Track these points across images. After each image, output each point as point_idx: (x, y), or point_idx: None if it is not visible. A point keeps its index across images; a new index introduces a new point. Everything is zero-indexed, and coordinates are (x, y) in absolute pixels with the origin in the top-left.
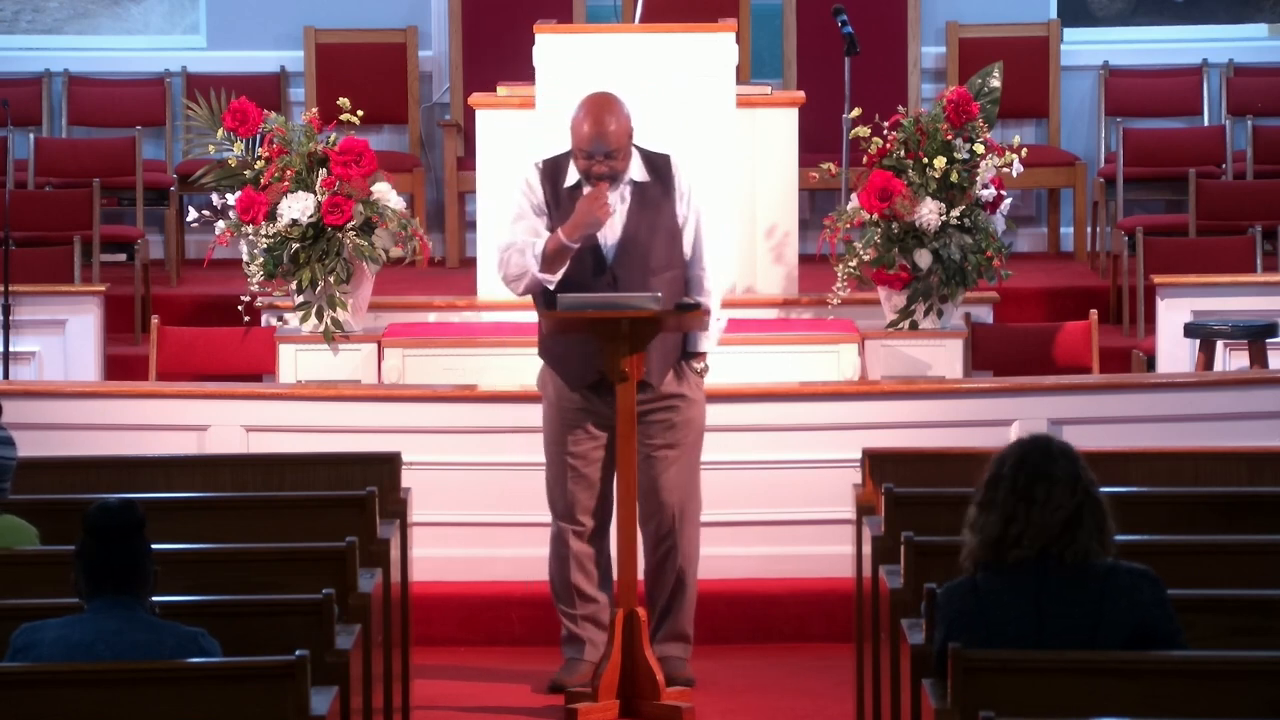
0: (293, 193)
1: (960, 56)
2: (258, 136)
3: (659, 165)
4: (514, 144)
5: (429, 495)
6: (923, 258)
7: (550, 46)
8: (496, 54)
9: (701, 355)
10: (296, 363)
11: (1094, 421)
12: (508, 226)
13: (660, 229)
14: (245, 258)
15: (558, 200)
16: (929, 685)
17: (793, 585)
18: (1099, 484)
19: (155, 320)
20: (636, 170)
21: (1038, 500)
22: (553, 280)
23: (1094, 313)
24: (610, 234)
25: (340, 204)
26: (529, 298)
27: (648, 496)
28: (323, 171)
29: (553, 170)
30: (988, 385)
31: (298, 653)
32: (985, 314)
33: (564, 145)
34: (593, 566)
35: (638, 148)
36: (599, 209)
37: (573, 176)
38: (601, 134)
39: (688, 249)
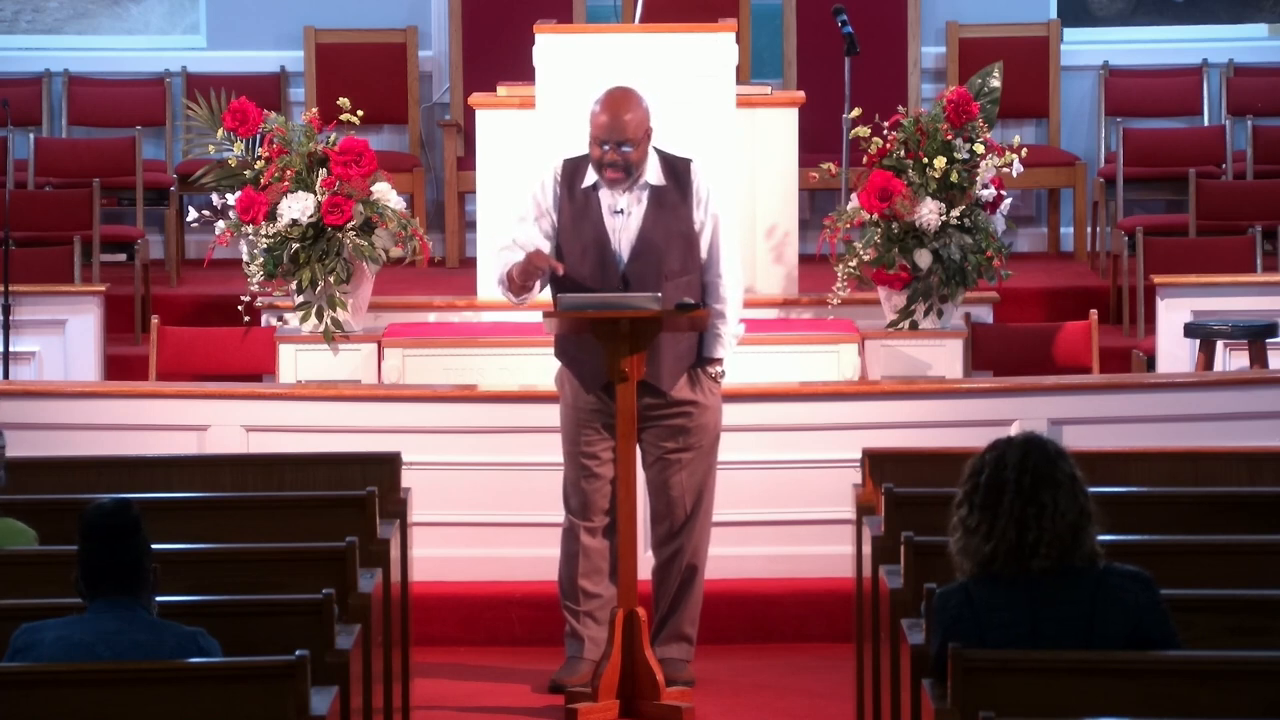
0: (293, 193)
1: (960, 56)
2: (258, 136)
3: (679, 170)
4: (514, 144)
5: (429, 495)
6: (923, 258)
7: (550, 46)
8: (496, 54)
9: (717, 360)
10: (296, 363)
11: (1094, 421)
12: (514, 223)
13: (675, 234)
14: (245, 258)
15: (572, 200)
16: (929, 685)
17: (793, 585)
18: (1092, 483)
19: (155, 320)
20: (654, 174)
21: (1046, 506)
22: (516, 300)
23: (1094, 313)
24: (625, 237)
25: (340, 204)
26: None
27: (658, 497)
28: (323, 171)
29: (572, 170)
30: (988, 385)
31: (298, 653)
32: (985, 314)
33: (572, 146)
34: (602, 562)
35: (658, 151)
36: (534, 270)
37: (590, 177)
38: (616, 123)
39: (704, 255)
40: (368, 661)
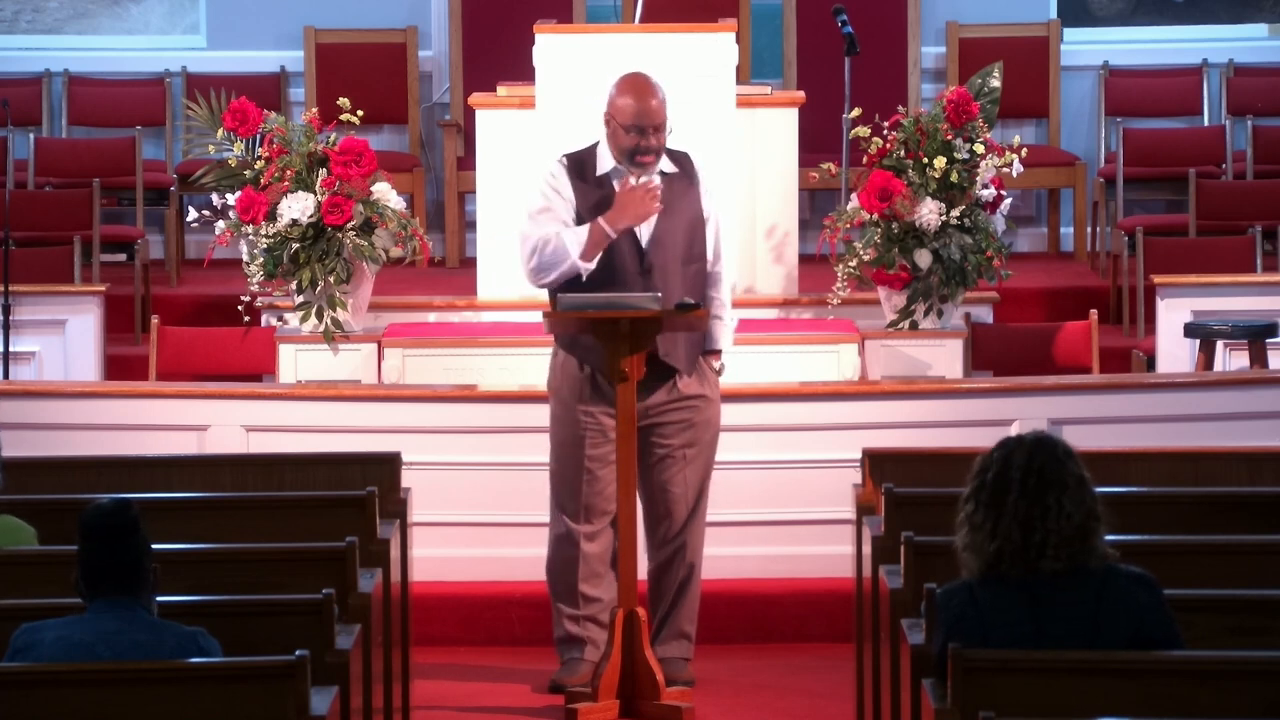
0: (293, 193)
1: (960, 56)
2: (258, 136)
3: (681, 160)
4: (514, 144)
5: (429, 495)
6: (923, 258)
7: (550, 46)
8: (496, 54)
9: (718, 354)
10: (296, 363)
11: (1094, 421)
12: (530, 219)
13: (689, 220)
14: (245, 258)
15: (587, 191)
16: (929, 685)
17: (793, 585)
18: (1096, 483)
19: (155, 320)
20: (664, 162)
21: (1050, 508)
22: (589, 269)
23: (1094, 313)
24: (645, 224)
25: (340, 204)
26: (531, 294)
27: (660, 497)
28: (323, 171)
29: (578, 163)
30: (988, 385)
31: (298, 653)
32: (985, 314)
33: (573, 145)
34: (600, 566)
35: None
36: (651, 201)
37: (603, 166)
38: (648, 108)
39: (710, 244)
40: (368, 661)
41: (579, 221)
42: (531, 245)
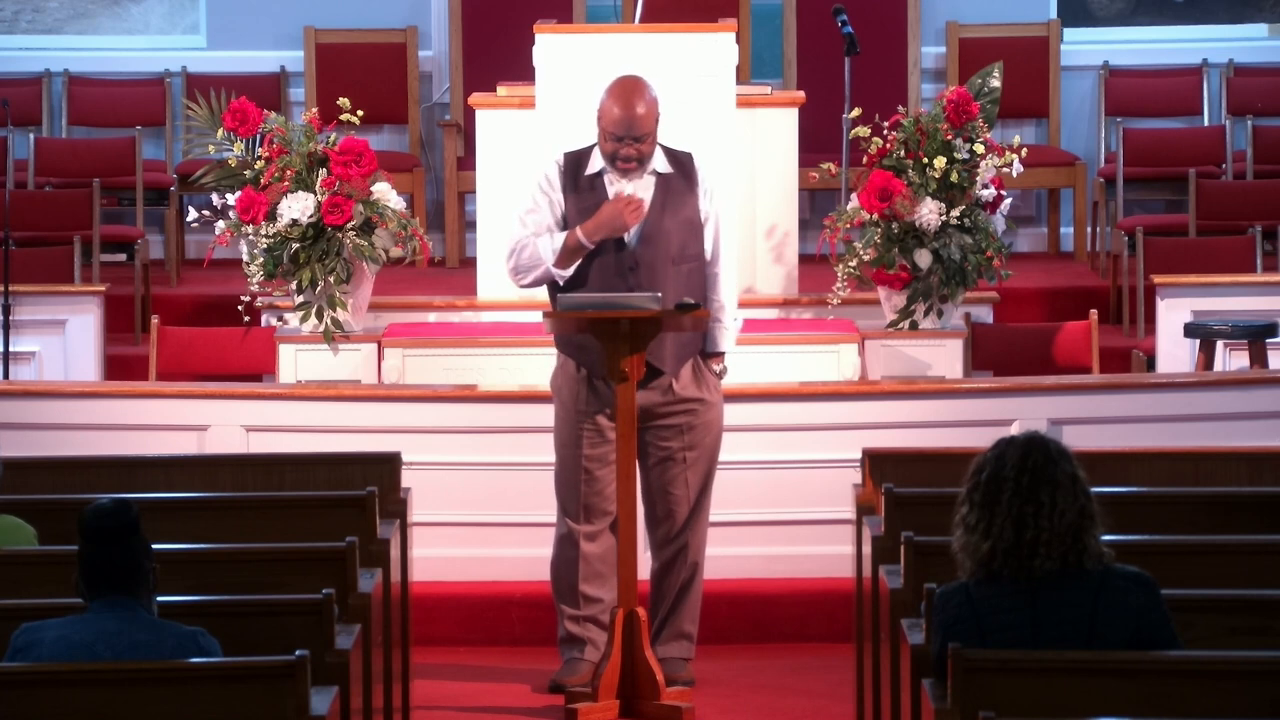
0: (293, 193)
1: (960, 56)
2: (258, 136)
3: (682, 160)
4: (514, 144)
5: (429, 495)
6: (923, 258)
7: (550, 46)
8: (496, 54)
9: (719, 356)
10: (296, 363)
11: (1094, 421)
12: (518, 219)
13: (683, 220)
14: (245, 258)
15: (577, 189)
16: (929, 685)
17: (793, 585)
18: (1092, 483)
19: (155, 320)
20: (659, 160)
21: (1044, 505)
22: (565, 276)
23: (1094, 313)
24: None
25: (340, 204)
26: (531, 294)
27: (660, 499)
28: (323, 171)
29: (575, 161)
30: (988, 385)
31: (298, 653)
32: (985, 314)
33: (573, 145)
34: (602, 566)
35: (660, 144)
36: (629, 214)
37: (594, 165)
38: (631, 117)
39: (708, 245)
40: (368, 661)
41: (564, 225)
42: (511, 247)
